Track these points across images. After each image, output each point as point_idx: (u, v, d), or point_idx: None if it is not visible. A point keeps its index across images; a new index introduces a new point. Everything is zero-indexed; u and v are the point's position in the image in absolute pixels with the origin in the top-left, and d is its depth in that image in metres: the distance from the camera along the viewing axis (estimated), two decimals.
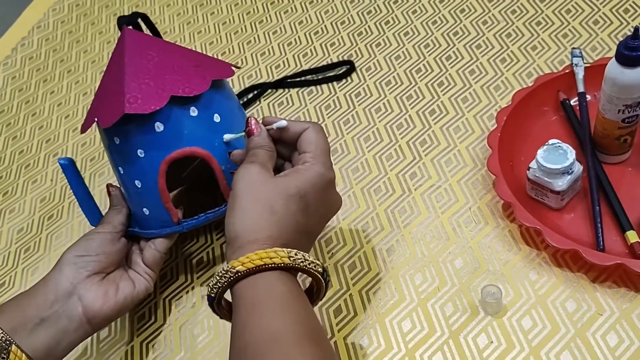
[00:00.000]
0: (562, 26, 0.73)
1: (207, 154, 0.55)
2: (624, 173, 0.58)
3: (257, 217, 0.46)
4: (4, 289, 0.69)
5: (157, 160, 0.54)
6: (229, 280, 0.44)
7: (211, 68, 0.57)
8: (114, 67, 0.56)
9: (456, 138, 0.66)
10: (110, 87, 0.55)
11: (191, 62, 0.56)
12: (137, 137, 0.54)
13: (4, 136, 0.87)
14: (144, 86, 0.53)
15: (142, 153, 0.54)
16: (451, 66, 0.73)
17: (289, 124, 0.51)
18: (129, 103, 0.52)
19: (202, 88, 0.54)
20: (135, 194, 0.57)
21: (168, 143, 0.54)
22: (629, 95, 0.52)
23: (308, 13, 0.87)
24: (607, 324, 0.50)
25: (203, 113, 0.55)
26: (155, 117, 0.53)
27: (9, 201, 0.78)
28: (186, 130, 0.54)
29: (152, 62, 0.55)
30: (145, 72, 0.54)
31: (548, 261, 0.55)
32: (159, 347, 0.59)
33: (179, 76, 0.54)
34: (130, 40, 0.56)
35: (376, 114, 0.72)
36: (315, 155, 0.49)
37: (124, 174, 0.57)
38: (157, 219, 0.57)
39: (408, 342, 0.53)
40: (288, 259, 0.45)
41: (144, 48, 0.55)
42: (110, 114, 0.53)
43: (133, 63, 0.54)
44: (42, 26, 1.04)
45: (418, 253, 0.58)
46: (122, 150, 0.56)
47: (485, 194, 0.61)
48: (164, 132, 0.54)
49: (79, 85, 0.90)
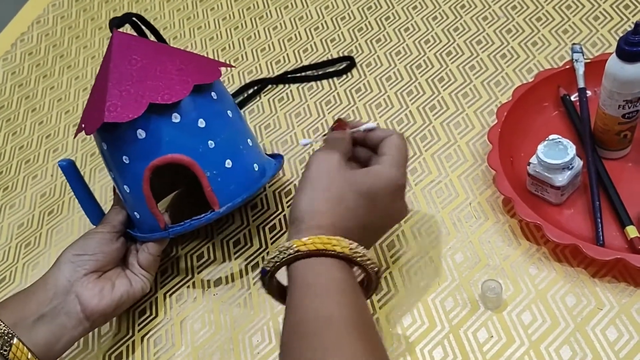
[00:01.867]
0: (563, 22, 0.73)
1: (189, 161, 0.54)
2: (623, 168, 0.58)
3: (325, 203, 0.47)
4: (5, 284, 0.69)
5: (141, 167, 0.54)
6: (287, 257, 0.45)
7: (196, 71, 0.56)
8: (101, 73, 0.56)
9: (456, 133, 0.66)
10: (96, 93, 0.55)
11: (175, 65, 0.55)
12: (121, 145, 0.54)
13: (4, 132, 0.87)
14: (124, 93, 0.53)
15: (127, 160, 0.55)
16: (451, 62, 0.73)
17: (376, 126, 0.53)
18: (108, 111, 0.52)
19: (181, 94, 0.54)
20: (125, 199, 0.58)
21: (150, 150, 0.54)
22: (630, 91, 0.53)
23: (308, 9, 0.87)
24: (606, 319, 0.50)
25: (186, 119, 0.54)
26: (136, 125, 0.53)
27: (9, 196, 0.78)
28: (167, 137, 0.54)
29: (135, 67, 0.54)
30: (128, 78, 0.53)
31: (548, 256, 0.55)
32: (160, 341, 0.59)
33: (160, 82, 0.54)
34: (118, 44, 0.55)
35: (377, 109, 0.72)
36: (394, 160, 0.50)
37: (115, 179, 0.58)
38: (147, 224, 0.58)
39: (409, 336, 0.53)
40: (349, 250, 0.45)
41: (129, 52, 0.55)
42: (93, 121, 0.53)
43: (117, 69, 0.54)
44: (42, 21, 1.04)
45: (418, 248, 0.58)
46: (110, 156, 0.56)
47: (486, 189, 0.61)
48: (145, 139, 0.53)
49: (79, 81, 0.90)
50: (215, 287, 0.62)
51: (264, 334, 0.57)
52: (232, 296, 0.60)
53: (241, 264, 0.62)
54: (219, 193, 0.56)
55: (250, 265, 0.62)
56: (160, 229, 0.57)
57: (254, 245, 0.64)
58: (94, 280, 0.55)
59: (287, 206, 0.66)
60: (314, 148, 0.63)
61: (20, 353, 0.49)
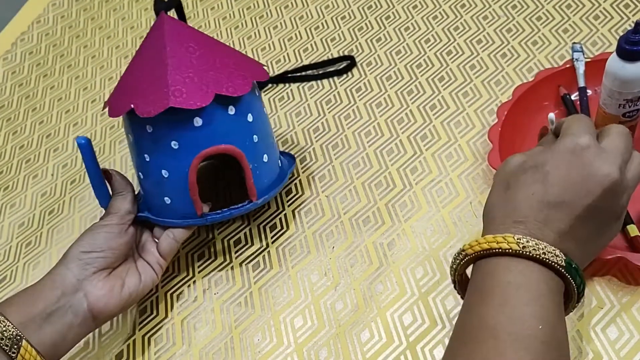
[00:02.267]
0: (563, 21, 0.73)
1: (239, 153, 0.56)
2: None
3: (494, 197, 0.45)
4: (5, 283, 0.69)
5: (191, 154, 0.54)
6: (459, 263, 0.44)
7: (249, 68, 0.58)
8: (151, 54, 0.55)
9: (457, 133, 0.66)
10: (149, 74, 0.54)
11: (231, 60, 0.56)
12: (174, 129, 0.54)
13: (4, 131, 0.87)
14: (187, 80, 0.53)
15: (176, 145, 0.54)
16: (452, 61, 0.73)
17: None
18: (174, 96, 0.52)
19: (244, 89, 0.55)
20: (158, 183, 0.57)
21: (204, 139, 0.54)
22: (630, 90, 0.53)
23: (308, 8, 0.87)
24: (607, 317, 0.50)
25: (239, 112, 0.56)
26: (196, 113, 0.53)
27: (10, 196, 0.78)
28: (223, 128, 0.55)
29: (194, 55, 0.54)
30: (188, 65, 0.53)
31: None
32: (161, 340, 0.59)
33: (222, 74, 0.55)
34: (170, 28, 0.55)
35: (377, 108, 0.72)
36: (565, 128, 0.45)
37: (150, 162, 0.56)
38: (179, 210, 0.57)
39: (409, 335, 0.53)
40: (517, 244, 0.40)
41: (184, 39, 0.55)
42: (151, 103, 0.52)
43: (175, 54, 0.53)
44: (42, 21, 1.04)
45: (419, 247, 0.58)
46: (154, 139, 0.55)
47: (486, 189, 0.61)
48: (201, 128, 0.54)
49: (79, 80, 0.90)
50: (216, 287, 0.62)
51: (264, 333, 0.57)
52: (232, 295, 0.60)
53: (242, 263, 0.63)
54: (257, 185, 0.58)
55: (251, 264, 0.62)
56: (196, 216, 0.57)
57: (254, 244, 0.64)
58: (103, 278, 0.54)
59: (287, 206, 0.66)
60: None
61: (29, 355, 0.48)
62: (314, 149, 0.70)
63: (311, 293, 0.58)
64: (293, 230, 0.63)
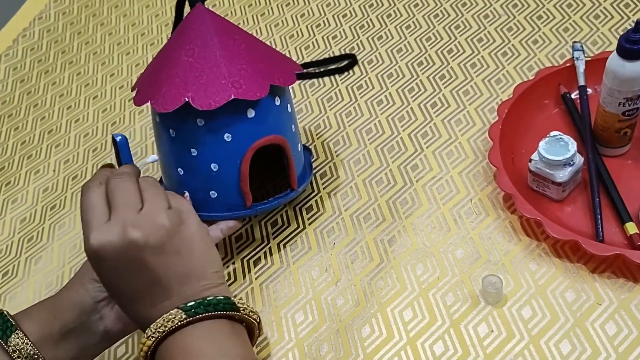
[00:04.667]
0: (563, 20, 0.73)
1: (285, 142, 0.57)
2: (623, 166, 0.59)
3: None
4: (7, 277, 0.69)
5: (245, 145, 0.55)
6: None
7: (287, 60, 0.59)
8: (197, 45, 0.53)
9: (457, 130, 0.67)
10: (199, 66, 0.53)
11: (269, 52, 0.57)
12: (228, 122, 0.54)
13: (6, 127, 0.88)
14: (242, 72, 0.53)
15: (229, 137, 0.54)
16: (453, 59, 0.74)
17: None
18: (234, 87, 0.52)
19: (291, 80, 0.56)
20: (206, 177, 0.56)
21: (257, 130, 0.55)
22: (630, 89, 0.53)
23: (310, 6, 0.87)
24: (606, 314, 0.51)
25: (283, 103, 0.57)
26: (250, 104, 0.54)
27: (12, 191, 0.78)
28: (272, 119, 0.56)
29: (242, 47, 0.55)
30: (239, 57, 0.54)
31: (548, 252, 0.55)
32: None
33: (271, 65, 0.56)
34: (213, 19, 0.55)
35: (378, 106, 0.72)
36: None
37: (197, 156, 0.55)
38: (225, 203, 0.57)
39: (409, 331, 0.53)
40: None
41: (229, 30, 0.55)
42: (211, 95, 0.52)
43: (225, 46, 0.53)
44: (44, 17, 1.04)
45: (419, 243, 0.59)
46: (206, 133, 0.54)
47: (486, 186, 0.61)
48: (254, 119, 0.54)
49: (81, 77, 0.90)
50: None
51: (265, 328, 0.57)
52: (233, 291, 0.61)
53: (243, 259, 0.63)
54: (298, 174, 0.60)
55: (252, 260, 0.62)
56: (243, 208, 0.58)
57: (255, 240, 0.64)
58: None
59: (288, 203, 0.66)
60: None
61: None
62: (315, 146, 0.70)
63: (312, 289, 0.58)
64: (294, 226, 0.64)
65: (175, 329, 0.44)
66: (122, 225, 0.44)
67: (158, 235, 0.45)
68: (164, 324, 0.44)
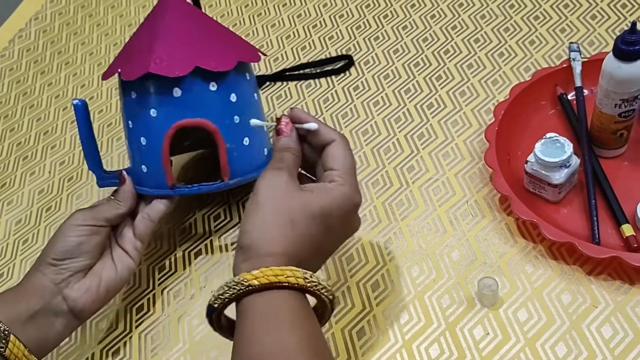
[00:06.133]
0: (560, 21, 0.73)
1: (214, 129, 0.56)
2: (619, 167, 0.59)
3: (276, 229, 0.44)
4: (3, 279, 0.69)
5: (167, 123, 0.56)
6: (237, 292, 0.43)
7: (240, 49, 0.59)
8: (150, 24, 0.57)
9: (454, 132, 0.67)
10: (141, 42, 0.57)
11: (222, 39, 0.58)
12: (154, 97, 0.56)
13: (2, 128, 0.87)
14: (172, 50, 0.55)
15: (154, 113, 0.56)
16: (449, 60, 0.74)
17: (319, 128, 0.49)
18: (154, 63, 0.54)
19: (226, 66, 0.56)
20: (137, 150, 0.59)
21: (181, 110, 0.56)
22: (626, 90, 0.53)
23: (306, 6, 0.87)
24: (602, 316, 0.50)
25: (221, 90, 0.57)
26: (175, 83, 0.55)
27: (7, 193, 0.78)
28: (201, 102, 0.56)
29: (186, 28, 0.56)
30: (178, 37, 0.56)
31: (544, 254, 0.55)
32: (158, 338, 0.59)
33: (208, 50, 0.56)
34: (174, 2, 0.58)
35: (374, 107, 0.72)
36: (343, 175, 0.48)
37: (132, 129, 0.59)
38: (153, 179, 0.59)
39: (405, 333, 0.53)
40: (303, 280, 0.43)
41: (183, 15, 0.57)
42: (135, 68, 0.55)
43: (169, 25, 0.56)
44: (40, 18, 1.03)
45: (415, 246, 0.59)
46: (136, 106, 0.57)
47: (483, 188, 0.61)
48: (180, 99, 0.55)
49: (77, 78, 0.90)
50: (213, 284, 0.62)
51: None
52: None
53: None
54: (232, 166, 0.58)
55: None
56: (167, 187, 0.58)
57: None
58: (80, 280, 0.54)
59: None
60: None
61: (17, 349, 0.49)
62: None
63: None
64: None
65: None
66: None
67: None
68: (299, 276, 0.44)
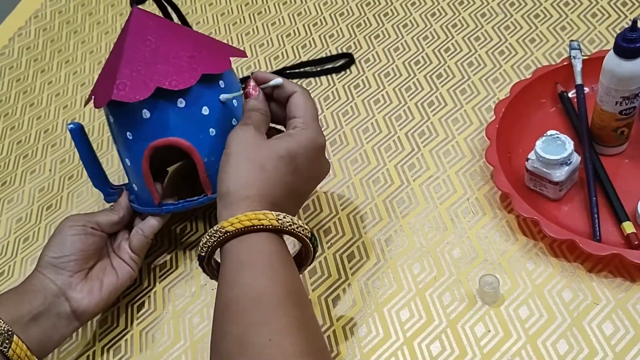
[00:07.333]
0: (561, 19, 0.73)
1: (189, 146, 0.56)
2: (620, 164, 0.59)
3: (248, 174, 0.48)
4: (3, 278, 0.69)
5: (143, 145, 0.56)
6: (218, 239, 0.46)
7: (207, 59, 0.57)
8: (116, 49, 0.57)
9: (454, 129, 0.67)
10: (109, 68, 0.57)
11: (187, 51, 0.56)
12: (127, 121, 0.57)
13: (2, 126, 0.87)
14: (134, 74, 0.54)
15: (130, 135, 0.57)
16: (450, 58, 0.74)
17: (283, 82, 0.53)
18: (117, 89, 0.54)
19: (189, 82, 0.55)
20: (125, 170, 0.61)
21: (153, 131, 0.56)
22: (627, 87, 0.53)
23: (307, 4, 0.87)
24: (603, 313, 0.51)
25: (191, 105, 0.56)
26: (142, 105, 0.55)
27: (8, 191, 0.78)
28: (171, 121, 0.55)
29: (149, 48, 0.55)
30: (140, 59, 0.55)
31: (545, 251, 0.55)
32: (159, 335, 0.59)
33: (170, 67, 0.55)
34: (136, 22, 0.56)
35: (375, 105, 0.72)
36: (306, 120, 0.51)
37: (118, 150, 0.61)
38: (143, 197, 0.60)
39: (406, 330, 0.53)
40: (276, 221, 0.46)
41: (146, 32, 0.56)
42: (103, 95, 0.55)
43: (131, 48, 0.55)
44: (40, 16, 1.03)
45: (416, 243, 0.59)
46: (116, 130, 0.58)
47: (483, 185, 0.61)
48: (150, 120, 0.55)
49: (77, 76, 0.90)
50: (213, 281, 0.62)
51: None
52: None
53: None
54: (214, 180, 0.56)
55: None
56: (155, 205, 0.59)
57: None
58: (81, 281, 0.55)
59: None
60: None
61: (20, 350, 0.49)
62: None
63: (309, 289, 0.58)
64: None
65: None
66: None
67: None
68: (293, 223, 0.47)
